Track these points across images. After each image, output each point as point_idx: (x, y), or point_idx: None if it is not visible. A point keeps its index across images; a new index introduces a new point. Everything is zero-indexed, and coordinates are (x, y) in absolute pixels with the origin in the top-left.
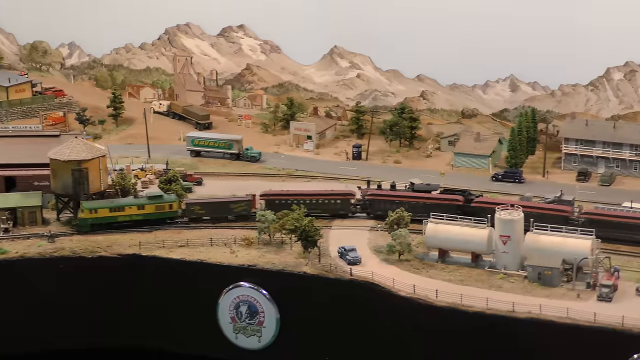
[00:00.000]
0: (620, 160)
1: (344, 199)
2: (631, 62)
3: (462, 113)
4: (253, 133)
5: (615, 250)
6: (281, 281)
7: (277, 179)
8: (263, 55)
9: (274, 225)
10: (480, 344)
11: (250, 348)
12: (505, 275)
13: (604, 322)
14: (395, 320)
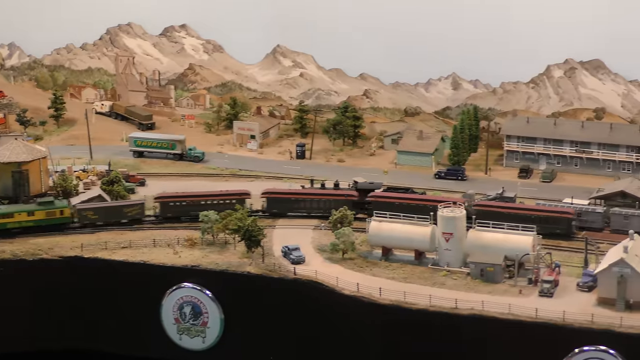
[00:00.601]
0: (561, 156)
1: (240, 199)
2: (571, 60)
3: (405, 111)
4: (196, 133)
5: (556, 246)
6: (225, 281)
7: (220, 179)
8: (206, 54)
9: (217, 225)
10: (424, 341)
11: (194, 349)
12: (448, 273)
13: (545, 317)
14: (339, 318)
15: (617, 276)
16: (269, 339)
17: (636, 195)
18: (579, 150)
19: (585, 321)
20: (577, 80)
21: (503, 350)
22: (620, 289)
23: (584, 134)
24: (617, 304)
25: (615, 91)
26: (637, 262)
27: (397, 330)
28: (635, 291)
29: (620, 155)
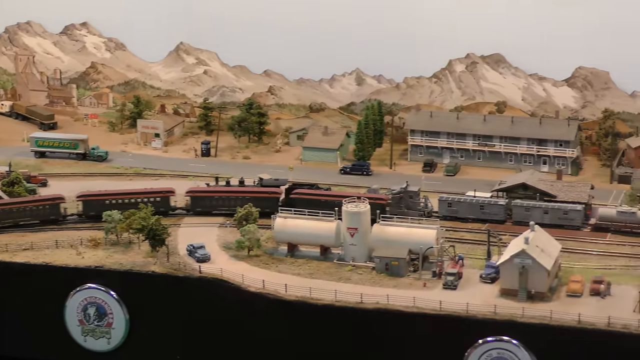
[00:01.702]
0: (464, 150)
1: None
2: (472, 54)
3: (310, 107)
4: (99, 132)
5: (459, 238)
6: (129, 281)
7: (124, 178)
8: (108, 53)
9: (120, 225)
10: (331, 335)
11: (99, 350)
12: (353, 267)
13: (449, 309)
14: (246, 316)
15: (518, 267)
16: (176, 338)
17: (537, 187)
18: (482, 144)
19: (489, 312)
20: (478, 74)
21: (408, 343)
22: (521, 279)
23: (486, 128)
24: (519, 294)
25: (515, 85)
26: (538, 253)
27: (303, 326)
28: (537, 282)
29: (521, 148)
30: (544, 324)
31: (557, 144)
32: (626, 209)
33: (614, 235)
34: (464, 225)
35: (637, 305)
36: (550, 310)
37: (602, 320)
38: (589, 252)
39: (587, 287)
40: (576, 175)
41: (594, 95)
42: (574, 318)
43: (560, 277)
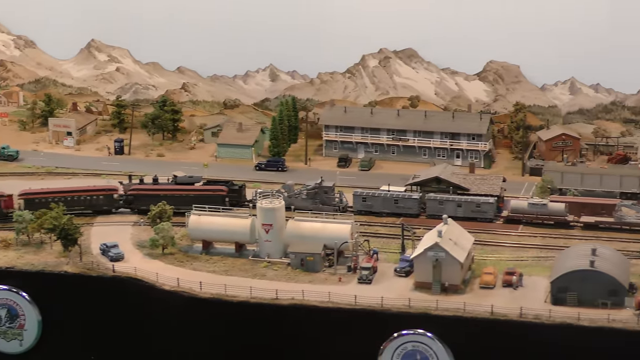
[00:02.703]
0: (379, 145)
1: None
2: (385, 49)
3: (224, 104)
4: (10, 131)
5: (374, 232)
6: (42, 282)
7: (36, 177)
8: (17, 50)
9: (32, 225)
10: (247, 332)
11: (11, 352)
12: (269, 264)
13: (364, 303)
14: (161, 314)
15: (432, 260)
16: (90, 338)
17: (450, 181)
18: (396, 138)
19: (403, 306)
20: (391, 69)
21: (324, 338)
22: (435, 272)
23: (399, 122)
24: (433, 287)
25: (428, 79)
26: (451, 246)
27: (219, 324)
28: (450, 274)
29: (435, 142)
30: (457, 316)
31: (469, 138)
32: (537, 201)
33: (526, 227)
34: (379, 219)
35: (548, 296)
36: (464, 302)
37: (514, 311)
38: (502, 244)
39: (500, 279)
40: (489, 168)
41: (505, 89)
42: (487, 309)
43: (474, 269)
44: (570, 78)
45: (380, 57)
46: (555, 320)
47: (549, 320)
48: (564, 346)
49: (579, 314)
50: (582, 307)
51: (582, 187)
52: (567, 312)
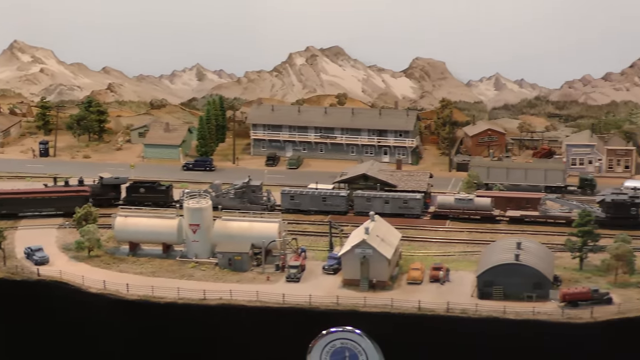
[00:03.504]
0: (307, 143)
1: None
2: (312, 47)
3: (150, 104)
4: None
5: (302, 230)
6: None
7: None
8: None
9: None
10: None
11: None
12: (196, 264)
13: (292, 302)
14: (88, 317)
15: (359, 257)
16: (16, 344)
17: (377, 178)
18: (323, 136)
19: (331, 303)
20: (318, 67)
21: (253, 337)
22: (363, 269)
23: (327, 120)
24: (361, 284)
25: (355, 77)
26: (378, 243)
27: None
28: (378, 271)
29: (362, 139)
30: (385, 312)
31: (397, 134)
32: (463, 196)
33: (453, 222)
34: (307, 217)
35: (474, 290)
36: (392, 298)
37: (441, 306)
38: (429, 239)
39: (427, 274)
40: (416, 165)
41: (431, 85)
42: (415, 305)
43: (401, 265)
44: (495, 74)
45: (307, 55)
46: (482, 314)
47: (475, 314)
48: (490, 340)
49: (505, 307)
50: (508, 300)
51: (507, 181)
52: (493, 305)
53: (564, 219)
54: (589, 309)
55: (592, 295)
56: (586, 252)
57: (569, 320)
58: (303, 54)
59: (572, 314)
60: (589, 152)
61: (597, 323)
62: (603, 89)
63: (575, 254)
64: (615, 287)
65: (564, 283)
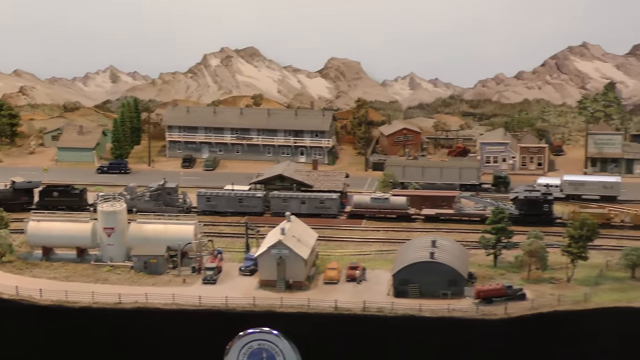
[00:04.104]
0: (223, 144)
1: None
2: (227, 48)
3: (64, 107)
4: None
5: (219, 232)
6: None
7: None
8: None
9: None
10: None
11: None
12: (111, 268)
13: (209, 304)
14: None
15: (276, 258)
16: None
17: (293, 178)
18: (240, 137)
19: (248, 304)
20: (234, 68)
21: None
22: (279, 270)
23: (243, 121)
24: (278, 285)
25: (271, 77)
26: (294, 243)
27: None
28: (294, 271)
29: (278, 140)
30: (302, 312)
31: (313, 135)
32: (379, 195)
33: (369, 222)
34: (224, 219)
35: (390, 289)
36: (308, 298)
37: (358, 305)
38: (346, 239)
39: (344, 274)
40: (333, 165)
41: (347, 85)
42: (331, 305)
43: (318, 265)
44: (410, 73)
45: (222, 56)
46: (398, 313)
47: (391, 312)
48: (407, 338)
49: (421, 305)
50: (424, 298)
51: (423, 180)
52: (409, 303)
53: (478, 217)
54: (503, 305)
55: (506, 292)
56: (500, 249)
57: (484, 316)
58: (218, 55)
59: (486, 311)
60: (502, 150)
61: (511, 319)
62: (516, 87)
63: (489, 251)
64: (529, 283)
65: (479, 280)
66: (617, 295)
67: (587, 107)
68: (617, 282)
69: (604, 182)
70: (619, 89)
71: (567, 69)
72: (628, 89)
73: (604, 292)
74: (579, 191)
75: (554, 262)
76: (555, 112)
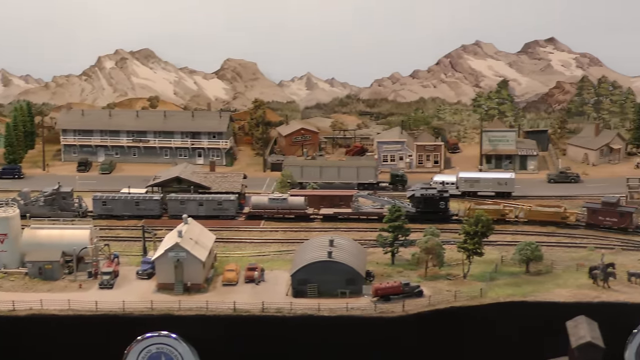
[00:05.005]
0: (119, 147)
1: None
2: (121, 50)
3: None
4: None
5: (116, 236)
6: None
7: None
8: None
9: None
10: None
11: None
12: (5, 274)
13: (105, 309)
14: None
15: (173, 261)
16: None
17: (191, 180)
18: (136, 140)
19: (146, 308)
20: (129, 70)
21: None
22: (177, 273)
23: (139, 124)
24: (176, 288)
25: (167, 79)
26: (192, 246)
27: None
28: (192, 274)
29: (176, 142)
30: (200, 315)
31: (210, 136)
32: (277, 196)
33: (268, 222)
34: (121, 222)
35: (289, 289)
36: (207, 300)
37: (256, 306)
38: (244, 240)
39: (242, 275)
40: (231, 166)
41: (243, 86)
42: (230, 306)
43: (216, 267)
44: (307, 73)
45: (116, 58)
46: (297, 313)
47: (290, 313)
48: (306, 337)
49: (319, 304)
50: (323, 297)
51: (321, 179)
52: (308, 303)
53: (376, 215)
54: (400, 302)
55: (403, 289)
56: (397, 247)
57: (382, 314)
58: (113, 57)
59: (384, 308)
60: (399, 148)
61: (409, 316)
62: (411, 86)
63: (386, 249)
64: (426, 280)
65: (377, 278)
66: (512, 289)
67: (481, 105)
68: (512, 277)
69: (498, 179)
70: (512, 87)
71: (461, 67)
72: (521, 87)
73: (499, 287)
74: (474, 188)
75: (451, 258)
76: (451, 110)
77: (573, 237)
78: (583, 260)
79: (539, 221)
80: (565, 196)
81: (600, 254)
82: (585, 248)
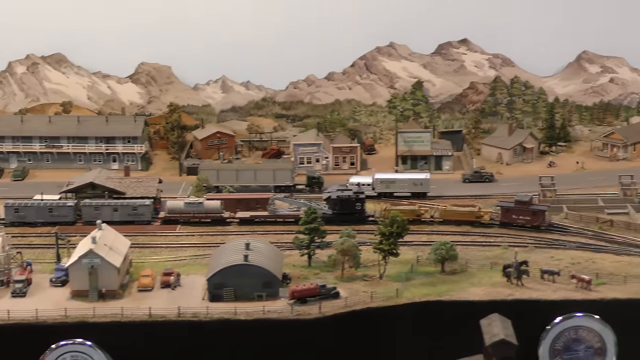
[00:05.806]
0: (32, 153)
1: None
2: (32, 55)
3: None
4: None
5: (28, 243)
6: None
7: None
8: None
9: None
10: None
11: None
12: None
13: (18, 317)
14: None
15: (87, 267)
16: None
17: (105, 185)
18: (49, 146)
19: (60, 316)
20: (41, 75)
21: None
22: (92, 279)
23: (52, 129)
24: (90, 294)
25: (80, 84)
26: (106, 252)
27: None
28: (107, 280)
29: (90, 147)
30: (116, 321)
31: (125, 141)
32: (193, 200)
33: (184, 227)
34: (34, 229)
35: (205, 293)
36: (122, 307)
37: (172, 311)
38: (160, 245)
39: (158, 280)
40: (147, 170)
41: (158, 90)
42: (145, 312)
43: (132, 272)
44: (222, 77)
45: (28, 63)
46: (213, 317)
47: (207, 317)
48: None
49: (236, 308)
50: (239, 301)
51: (237, 183)
52: (225, 307)
53: (292, 218)
54: (317, 304)
55: (320, 291)
56: (313, 249)
57: (298, 316)
58: (24, 62)
59: (301, 311)
60: (315, 150)
61: (326, 317)
62: (327, 88)
63: (303, 251)
64: (343, 282)
65: (294, 280)
66: (427, 289)
67: (396, 106)
68: (428, 277)
69: (413, 179)
70: (426, 88)
71: (375, 69)
72: (435, 88)
73: (415, 287)
74: (390, 189)
75: (367, 259)
76: (366, 111)
77: (487, 236)
78: (497, 258)
79: (454, 221)
80: (479, 195)
81: (514, 252)
82: (499, 246)
